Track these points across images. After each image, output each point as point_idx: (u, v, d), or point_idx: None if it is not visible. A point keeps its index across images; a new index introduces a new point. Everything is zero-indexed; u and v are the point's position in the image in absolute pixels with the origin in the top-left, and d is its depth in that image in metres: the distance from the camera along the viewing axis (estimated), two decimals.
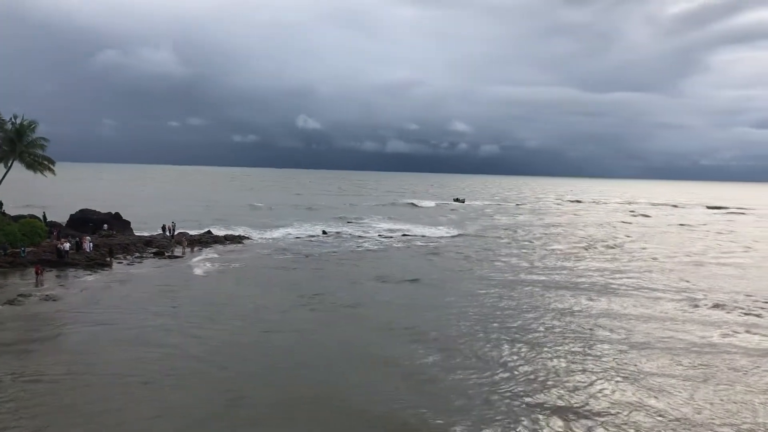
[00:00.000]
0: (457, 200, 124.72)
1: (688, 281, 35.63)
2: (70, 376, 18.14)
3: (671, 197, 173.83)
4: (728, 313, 27.99)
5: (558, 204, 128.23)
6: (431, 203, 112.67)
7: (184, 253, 42.91)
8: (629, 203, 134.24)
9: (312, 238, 53.87)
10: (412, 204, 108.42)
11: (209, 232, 52.12)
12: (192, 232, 50.82)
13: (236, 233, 53.09)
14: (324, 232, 58.11)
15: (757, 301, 30.67)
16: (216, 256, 42.03)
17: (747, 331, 24.85)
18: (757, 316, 27.49)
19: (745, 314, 27.79)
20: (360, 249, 47.77)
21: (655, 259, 44.85)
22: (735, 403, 16.87)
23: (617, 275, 37.18)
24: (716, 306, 29.02)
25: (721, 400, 17.13)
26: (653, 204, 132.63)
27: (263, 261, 40.85)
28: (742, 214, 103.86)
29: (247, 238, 51.79)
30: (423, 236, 57.39)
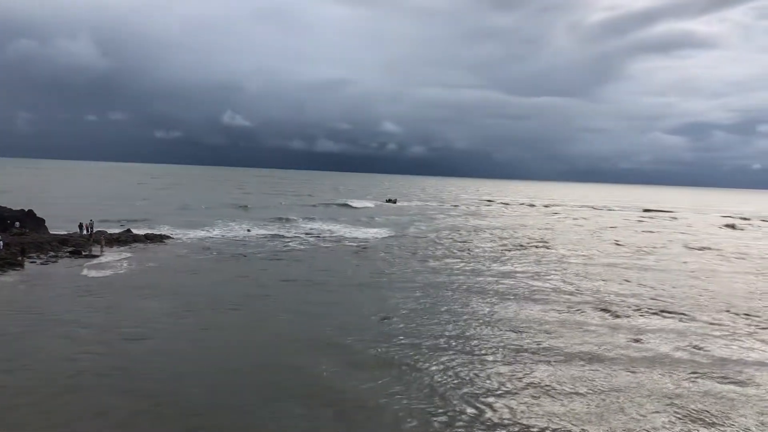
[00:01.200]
0: (389, 201, 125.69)
1: (602, 281, 37.40)
2: None
3: (593, 199, 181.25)
4: (634, 316, 29.43)
5: (486, 205, 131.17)
6: (362, 203, 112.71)
7: (102, 252, 41.46)
8: (556, 205, 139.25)
9: (238, 238, 53.03)
10: (343, 204, 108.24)
11: (129, 230, 50.52)
12: (111, 231, 49.16)
13: (159, 232, 51.68)
14: (249, 231, 57.45)
15: (664, 304, 32.50)
16: (134, 255, 40.74)
17: (653, 335, 26.13)
18: (667, 315, 29.16)
19: (650, 317, 29.30)
20: (286, 249, 47.45)
21: (574, 261, 46.74)
22: (624, 412, 17.65)
23: (537, 278, 38.49)
24: (629, 309, 30.42)
25: (616, 409, 18.00)
26: (578, 206, 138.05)
27: (183, 261, 39.86)
28: (659, 216, 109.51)
29: (169, 237, 50.49)
30: (352, 237, 57.55)
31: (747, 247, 61.53)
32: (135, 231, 50.63)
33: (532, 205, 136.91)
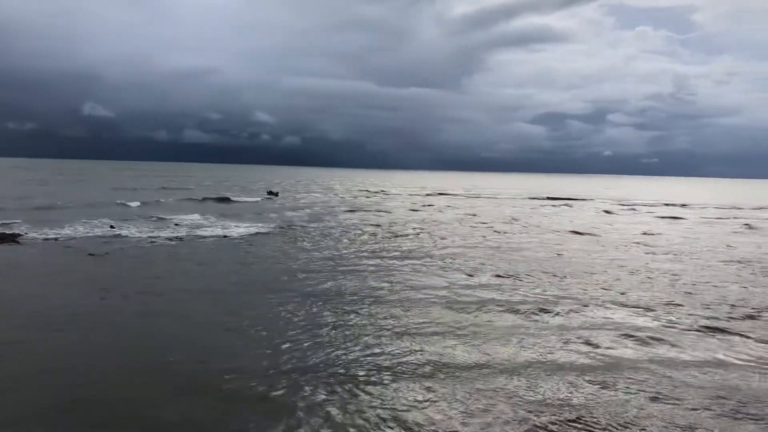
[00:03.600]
0: (270, 193, 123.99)
1: (488, 273, 38.74)
2: None
3: (467, 187, 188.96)
4: (525, 310, 30.47)
5: (367, 197, 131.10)
6: (240, 197, 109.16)
7: None
8: (437, 194, 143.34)
9: (102, 237, 49.16)
10: (221, 198, 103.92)
11: None
12: None
13: (11, 231, 47.27)
14: (113, 227, 53.98)
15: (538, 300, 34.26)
16: None
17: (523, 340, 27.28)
18: (547, 309, 30.57)
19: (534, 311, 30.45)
20: (152, 247, 44.69)
21: (459, 251, 48.14)
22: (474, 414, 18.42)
23: (419, 274, 39.00)
24: (522, 305, 31.47)
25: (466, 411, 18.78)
26: (455, 195, 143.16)
27: (30, 263, 36.59)
28: (538, 203, 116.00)
29: (22, 235, 46.34)
30: (228, 234, 54.76)
31: (636, 231, 64.63)
32: None
33: (413, 195, 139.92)
